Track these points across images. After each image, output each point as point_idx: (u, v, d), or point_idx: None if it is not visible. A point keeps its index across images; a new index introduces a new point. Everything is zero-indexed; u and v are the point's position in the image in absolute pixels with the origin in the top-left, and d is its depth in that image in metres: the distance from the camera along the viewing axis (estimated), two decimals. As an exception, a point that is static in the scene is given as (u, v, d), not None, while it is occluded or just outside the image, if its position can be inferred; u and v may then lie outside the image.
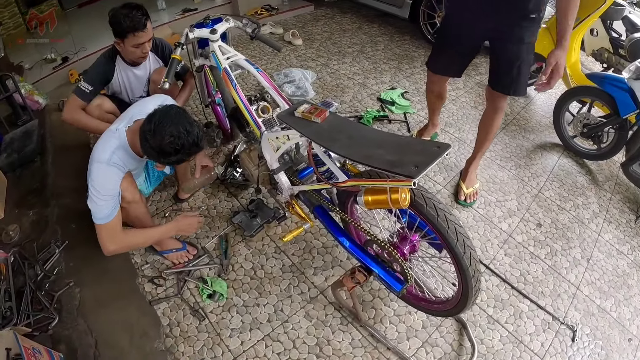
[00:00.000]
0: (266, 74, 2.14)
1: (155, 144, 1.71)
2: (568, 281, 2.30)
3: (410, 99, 3.69)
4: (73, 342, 1.89)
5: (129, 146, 1.90)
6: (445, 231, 1.50)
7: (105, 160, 1.82)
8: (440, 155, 1.30)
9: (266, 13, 5.33)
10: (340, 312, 2.07)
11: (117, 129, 1.91)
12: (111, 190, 1.83)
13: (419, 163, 1.26)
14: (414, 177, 1.23)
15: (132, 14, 2.27)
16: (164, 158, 1.77)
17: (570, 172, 3.04)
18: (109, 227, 1.86)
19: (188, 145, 1.74)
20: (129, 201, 1.97)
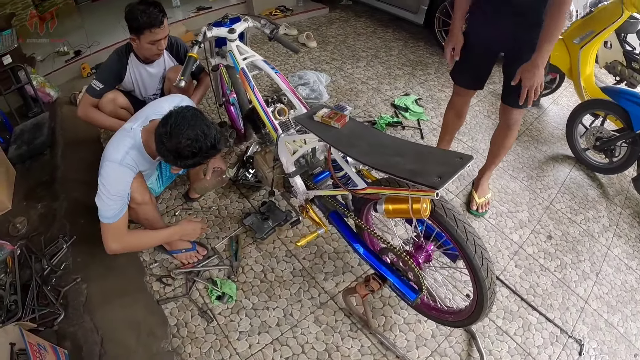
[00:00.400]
0: (283, 76, 2.13)
1: (171, 147, 1.70)
2: (577, 295, 2.28)
3: (424, 106, 3.67)
4: (78, 339, 1.88)
5: (143, 147, 1.88)
6: (464, 242, 1.48)
7: (118, 160, 1.80)
8: (463, 166, 1.28)
9: (280, 14, 5.34)
10: (350, 319, 2.05)
11: (132, 128, 1.89)
12: (121, 191, 1.82)
13: (442, 174, 1.24)
14: (437, 188, 1.22)
15: (149, 10, 2.26)
16: (181, 161, 1.76)
17: (582, 185, 3.02)
18: (115, 227, 1.84)
19: (206, 148, 1.73)
20: (139, 203, 1.95)
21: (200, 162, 1.81)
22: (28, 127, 3.26)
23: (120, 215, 1.83)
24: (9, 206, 2.65)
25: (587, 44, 3.14)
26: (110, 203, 1.79)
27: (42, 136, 3.14)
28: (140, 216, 2.04)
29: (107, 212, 1.80)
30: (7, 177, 2.77)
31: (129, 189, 1.85)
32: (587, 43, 3.14)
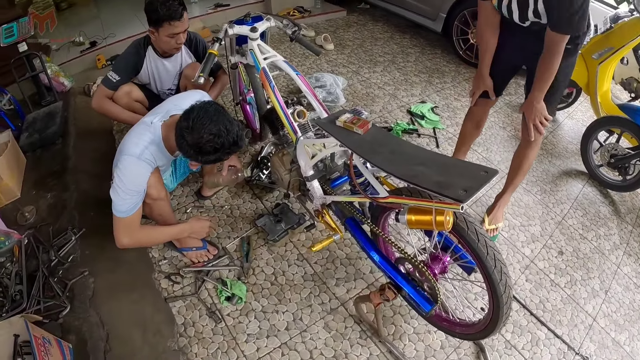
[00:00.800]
0: (304, 78, 2.10)
1: (193, 141, 1.68)
2: (585, 312, 2.26)
3: (440, 115, 3.65)
4: (83, 333, 1.86)
5: (162, 141, 1.86)
6: (484, 257, 1.46)
7: (137, 155, 1.78)
8: (488, 180, 1.26)
9: (298, 14, 5.34)
10: (360, 326, 2.03)
11: (152, 122, 1.88)
12: (138, 186, 1.80)
13: (467, 187, 1.23)
14: (463, 202, 1.20)
15: (169, 3, 2.24)
16: (202, 157, 1.74)
17: (594, 202, 3.00)
18: (128, 221, 1.83)
19: (228, 144, 1.71)
20: (155, 198, 1.94)
21: (221, 159, 1.79)
22: (41, 116, 3.25)
23: (134, 210, 1.82)
24: (18, 194, 2.64)
25: (606, 60, 3.10)
26: (126, 197, 1.77)
27: (54, 125, 3.13)
28: (155, 212, 2.03)
29: (121, 206, 1.78)
30: (18, 165, 2.77)
31: (146, 184, 1.83)
32: (605, 59, 3.10)
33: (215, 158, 1.75)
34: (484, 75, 2.29)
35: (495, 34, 2.17)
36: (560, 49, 1.84)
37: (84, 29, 4.67)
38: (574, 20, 1.72)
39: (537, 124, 2.12)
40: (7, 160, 2.60)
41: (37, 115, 3.26)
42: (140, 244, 2.04)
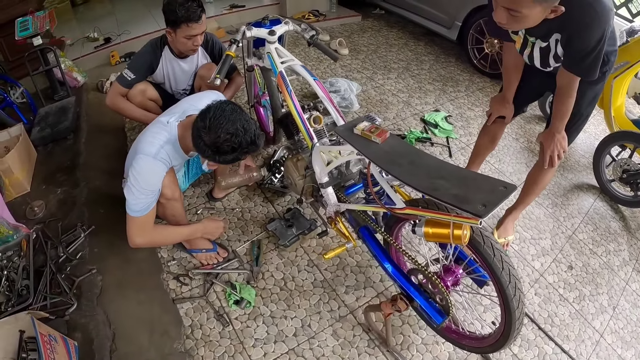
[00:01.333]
0: (321, 84, 2.09)
1: (210, 141, 1.67)
2: (593, 327, 2.24)
3: (453, 124, 3.64)
4: (90, 331, 1.86)
5: (178, 141, 1.86)
6: (499, 272, 1.45)
7: (153, 154, 1.78)
8: (507, 195, 1.25)
9: (313, 18, 5.36)
10: (369, 335, 2.01)
11: (168, 122, 1.87)
12: (153, 186, 1.80)
13: (487, 202, 1.21)
14: (482, 217, 1.19)
15: (187, 4, 2.24)
16: (220, 156, 1.73)
17: (605, 217, 2.97)
18: (141, 221, 1.82)
19: (245, 143, 1.70)
20: (169, 198, 1.93)
21: (239, 158, 1.78)
22: (53, 110, 3.26)
23: (148, 210, 1.81)
24: (28, 188, 2.65)
25: (621, 74, 3.08)
26: (141, 197, 1.77)
27: (66, 120, 3.14)
28: (168, 212, 2.03)
29: (136, 205, 1.78)
30: (29, 159, 2.78)
31: (161, 184, 1.83)
32: (620, 73, 3.07)
33: (233, 157, 1.74)
34: (507, 102, 2.29)
35: (519, 71, 2.16)
36: (572, 91, 1.83)
37: (98, 25, 4.69)
38: (585, 62, 1.68)
39: (553, 156, 2.09)
40: (18, 153, 2.61)
41: (50, 110, 3.27)
42: (154, 243, 2.04)
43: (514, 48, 2.02)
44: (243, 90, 3.46)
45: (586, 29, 1.58)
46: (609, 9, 1.55)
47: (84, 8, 5.72)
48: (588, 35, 1.59)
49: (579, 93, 1.92)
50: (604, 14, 1.54)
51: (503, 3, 1.50)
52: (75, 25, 5.03)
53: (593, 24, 1.56)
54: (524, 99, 2.33)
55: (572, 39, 1.66)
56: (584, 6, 1.54)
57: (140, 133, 1.96)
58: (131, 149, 2.00)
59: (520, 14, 1.49)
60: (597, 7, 1.53)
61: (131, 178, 1.76)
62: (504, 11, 1.52)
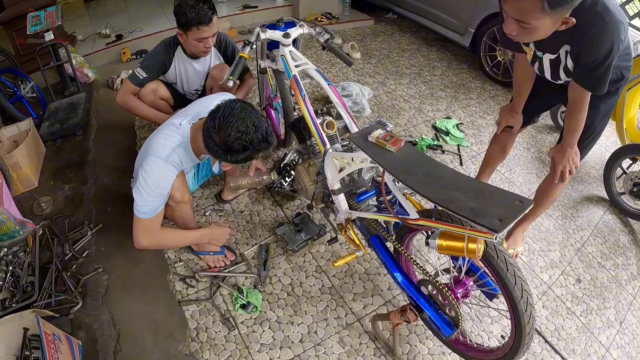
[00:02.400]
0: (335, 89, 2.08)
1: (221, 141, 1.64)
2: (599, 342, 2.22)
3: (465, 132, 3.63)
4: (94, 331, 1.86)
5: (190, 144, 1.85)
6: (512, 286, 1.44)
7: (164, 157, 1.77)
8: (523, 210, 1.23)
9: (326, 21, 5.37)
10: (375, 343, 2.00)
11: (180, 124, 1.86)
12: (163, 189, 1.79)
13: (503, 217, 1.19)
14: (498, 232, 1.17)
15: (198, 6, 2.22)
16: (232, 156, 1.69)
17: (614, 230, 2.94)
18: (149, 223, 1.81)
19: (257, 141, 1.66)
20: (178, 201, 1.92)
21: (251, 157, 1.74)
22: (63, 106, 3.28)
23: (156, 212, 1.80)
24: (36, 184, 2.67)
25: (635, 86, 3.07)
26: (149, 199, 1.75)
27: (76, 117, 3.15)
28: (176, 214, 2.02)
29: (144, 207, 1.77)
30: (37, 154, 2.79)
31: (170, 187, 1.82)
32: (634, 86, 3.06)
33: (245, 156, 1.71)
34: (516, 112, 2.28)
35: (530, 82, 2.15)
36: (583, 106, 1.81)
37: (110, 21, 4.71)
38: (595, 76, 1.66)
39: (565, 171, 2.07)
40: (27, 148, 2.62)
41: (60, 105, 3.29)
42: (159, 246, 2.04)
43: (526, 59, 2.00)
44: (255, 92, 3.45)
45: (595, 41, 1.56)
46: (619, 20, 1.53)
47: (97, 4, 5.75)
48: (597, 47, 1.57)
49: (593, 106, 1.90)
50: (613, 26, 1.52)
51: (513, 14, 1.49)
52: (88, 21, 5.06)
53: (602, 35, 1.54)
54: (535, 109, 2.31)
55: (581, 51, 1.64)
56: (592, 17, 1.52)
57: (152, 133, 1.95)
58: (142, 149, 1.99)
59: (530, 26, 1.48)
60: (606, 17, 1.51)
61: (140, 179, 1.75)
62: (515, 23, 1.51)
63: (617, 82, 1.87)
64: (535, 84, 2.15)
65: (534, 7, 1.39)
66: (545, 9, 1.38)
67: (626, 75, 1.87)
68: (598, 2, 1.52)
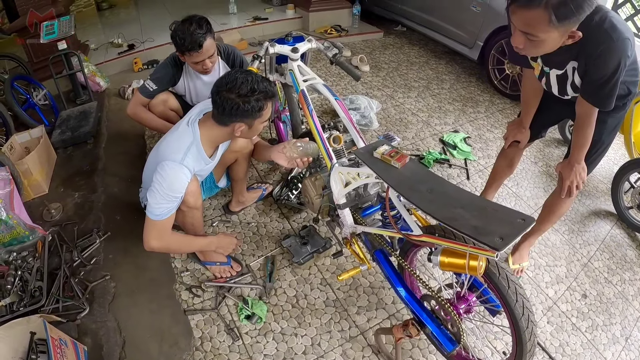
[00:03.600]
0: (343, 103, 2.10)
1: (232, 92, 1.76)
2: (604, 358, 2.20)
3: (472, 145, 3.63)
4: (100, 337, 1.89)
5: (200, 142, 1.90)
6: (513, 304, 1.45)
7: (179, 160, 1.82)
8: (525, 228, 1.25)
9: (335, 33, 5.43)
10: (378, 357, 2.01)
11: (188, 123, 1.93)
12: (177, 192, 1.83)
13: (504, 235, 1.21)
14: (499, 250, 1.19)
15: (189, 32, 2.27)
16: (245, 102, 1.78)
17: (621, 245, 2.92)
18: (160, 225, 1.85)
19: (263, 85, 1.81)
20: (190, 206, 1.96)
21: (260, 102, 1.83)
22: (75, 114, 3.33)
23: (168, 215, 1.84)
24: (46, 190, 2.71)
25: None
26: (162, 202, 1.80)
27: (87, 125, 3.20)
28: (187, 220, 2.05)
29: (157, 209, 1.80)
30: (48, 161, 2.84)
31: (184, 190, 1.86)
32: None
33: (256, 99, 1.80)
34: (523, 127, 2.29)
35: (538, 97, 2.16)
36: (591, 121, 1.82)
37: (123, 30, 4.79)
38: (602, 92, 1.68)
39: (572, 187, 2.07)
40: (38, 155, 2.67)
41: (71, 113, 3.34)
42: (168, 249, 2.07)
43: (533, 74, 2.02)
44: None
45: (602, 58, 1.58)
46: (626, 37, 1.54)
47: (110, 13, 5.85)
48: (604, 64, 1.59)
49: (600, 121, 1.91)
50: (620, 44, 1.53)
51: (520, 27, 1.50)
52: (100, 30, 5.14)
53: (609, 52, 1.56)
54: (542, 124, 2.32)
55: (589, 67, 1.65)
56: (600, 33, 1.54)
57: (160, 140, 2.01)
58: (151, 155, 2.06)
59: (538, 38, 1.49)
60: (614, 34, 1.53)
61: (155, 183, 1.80)
62: (522, 35, 1.53)
63: (624, 97, 1.87)
64: (543, 98, 2.16)
65: (541, 19, 1.41)
66: (552, 21, 1.40)
67: (633, 91, 1.87)
68: (606, 19, 1.53)
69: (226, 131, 1.89)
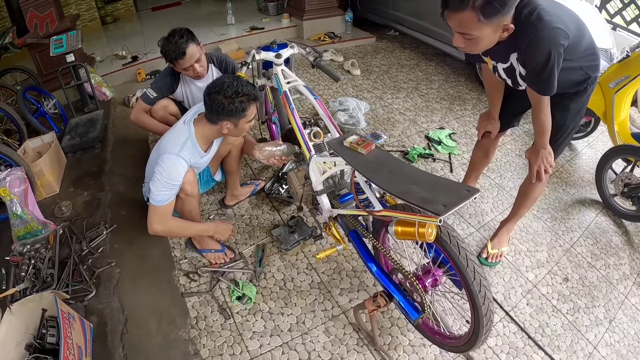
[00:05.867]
0: (322, 102, 2.28)
1: (220, 94, 2.00)
2: (586, 339, 2.24)
3: (457, 141, 3.73)
4: (105, 316, 2.07)
5: (195, 138, 2.14)
6: (465, 269, 1.56)
7: (176, 152, 2.07)
8: (468, 198, 1.38)
9: (329, 40, 5.56)
10: (358, 334, 2.14)
11: (184, 122, 2.18)
12: (175, 180, 2.06)
13: (448, 203, 1.35)
14: (441, 215, 1.33)
15: (172, 43, 2.48)
16: (230, 103, 2.01)
17: (606, 231, 2.96)
18: (162, 210, 2.08)
19: (246, 88, 2.03)
20: (188, 194, 2.18)
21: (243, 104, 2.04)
22: (83, 121, 3.53)
23: (168, 201, 2.08)
24: (57, 190, 2.93)
25: (622, 88, 3.09)
26: (163, 189, 2.04)
27: (95, 131, 3.40)
28: (185, 207, 2.26)
29: (158, 196, 2.04)
30: (59, 164, 3.04)
31: (182, 179, 2.09)
32: (622, 88, 3.09)
33: (239, 102, 2.03)
34: (492, 118, 2.42)
35: (499, 89, 2.29)
36: (542, 106, 1.92)
37: (127, 43, 4.98)
38: (540, 79, 1.78)
39: (540, 171, 2.17)
40: (50, 158, 2.88)
41: (80, 121, 3.54)
42: (170, 232, 2.30)
43: (489, 69, 2.14)
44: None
45: (531, 48, 1.69)
46: (554, 27, 1.64)
47: (114, 27, 6.06)
48: (533, 54, 1.71)
49: (563, 107, 2.03)
50: (547, 33, 1.64)
51: (456, 29, 1.66)
52: (105, 43, 5.35)
53: (536, 42, 1.67)
54: (509, 114, 2.44)
55: (524, 57, 1.78)
56: (526, 25, 1.66)
57: (162, 136, 2.28)
58: (153, 151, 2.32)
59: (473, 36, 1.64)
60: (539, 25, 1.64)
61: (157, 173, 2.04)
62: (460, 36, 1.68)
63: (583, 81, 1.97)
64: (506, 90, 2.29)
65: (471, 19, 1.56)
66: (481, 19, 1.55)
67: (592, 75, 1.96)
68: (534, 12, 1.65)
69: (216, 129, 2.12)
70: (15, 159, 2.58)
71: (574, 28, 1.75)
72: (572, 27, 1.74)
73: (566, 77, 1.86)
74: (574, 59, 1.83)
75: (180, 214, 2.30)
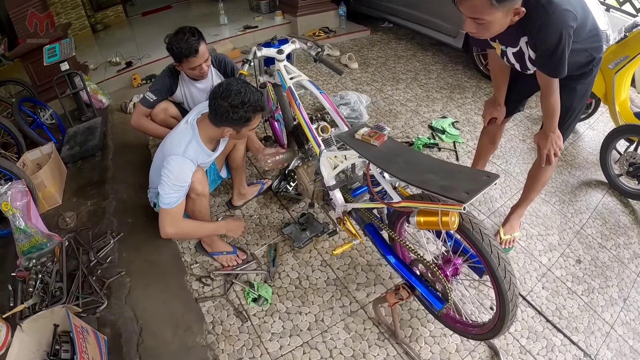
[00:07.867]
0: (327, 96, 2.25)
1: (225, 101, 1.91)
2: (603, 319, 2.26)
3: (461, 129, 3.73)
4: (118, 327, 2.03)
5: (199, 137, 2.09)
6: (489, 255, 1.54)
7: (181, 153, 2.02)
8: (489, 184, 1.37)
9: (324, 35, 5.56)
10: (379, 328, 2.12)
11: (187, 122, 2.12)
12: (183, 181, 2.02)
13: (469, 190, 1.34)
14: (465, 202, 1.31)
15: (184, 40, 2.42)
16: (234, 112, 1.94)
17: (614, 211, 2.98)
18: (173, 212, 2.03)
19: (254, 99, 1.95)
20: (199, 193, 2.14)
21: (248, 114, 1.98)
22: (81, 130, 3.49)
23: (178, 203, 2.03)
24: (60, 201, 2.87)
25: (622, 69, 3.11)
26: (171, 192, 1.99)
27: (94, 139, 3.35)
28: (196, 207, 2.22)
29: (167, 198, 2.00)
30: (60, 175, 3.00)
31: (190, 179, 2.05)
32: (621, 68, 3.10)
33: (244, 111, 1.95)
34: (498, 104, 2.41)
35: (505, 75, 2.28)
36: (552, 89, 1.91)
37: (120, 49, 4.94)
38: (551, 62, 1.77)
39: (550, 155, 2.16)
40: (50, 169, 2.83)
41: (78, 130, 3.50)
42: (183, 234, 2.24)
43: (497, 54, 2.13)
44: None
45: (542, 31, 1.69)
46: (564, 9, 1.64)
47: (105, 34, 6.02)
48: (545, 37, 1.70)
49: (570, 89, 2.02)
50: (557, 15, 1.63)
51: (468, 14, 1.65)
52: (97, 51, 5.30)
53: (547, 25, 1.66)
54: (515, 99, 2.43)
55: (535, 41, 1.77)
56: (536, 8, 1.65)
57: (164, 140, 2.21)
58: (156, 154, 2.27)
59: (485, 21, 1.63)
60: (549, 8, 1.63)
61: (164, 176, 1.99)
62: (472, 21, 1.67)
63: (588, 63, 1.97)
64: (512, 75, 2.27)
65: (483, 4, 1.55)
66: (493, 4, 1.54)
67: (597, 56, 1.96)
68: None
69: (218, 131, 2.07)
70: (16, 171, 2.54)
71: (580, 9, 1.75)
72: (579, 8, 1.73)
73: (572, 59, 1.84)
74: (579, 40, 1.83)
75: (190, 215, 2.26)
